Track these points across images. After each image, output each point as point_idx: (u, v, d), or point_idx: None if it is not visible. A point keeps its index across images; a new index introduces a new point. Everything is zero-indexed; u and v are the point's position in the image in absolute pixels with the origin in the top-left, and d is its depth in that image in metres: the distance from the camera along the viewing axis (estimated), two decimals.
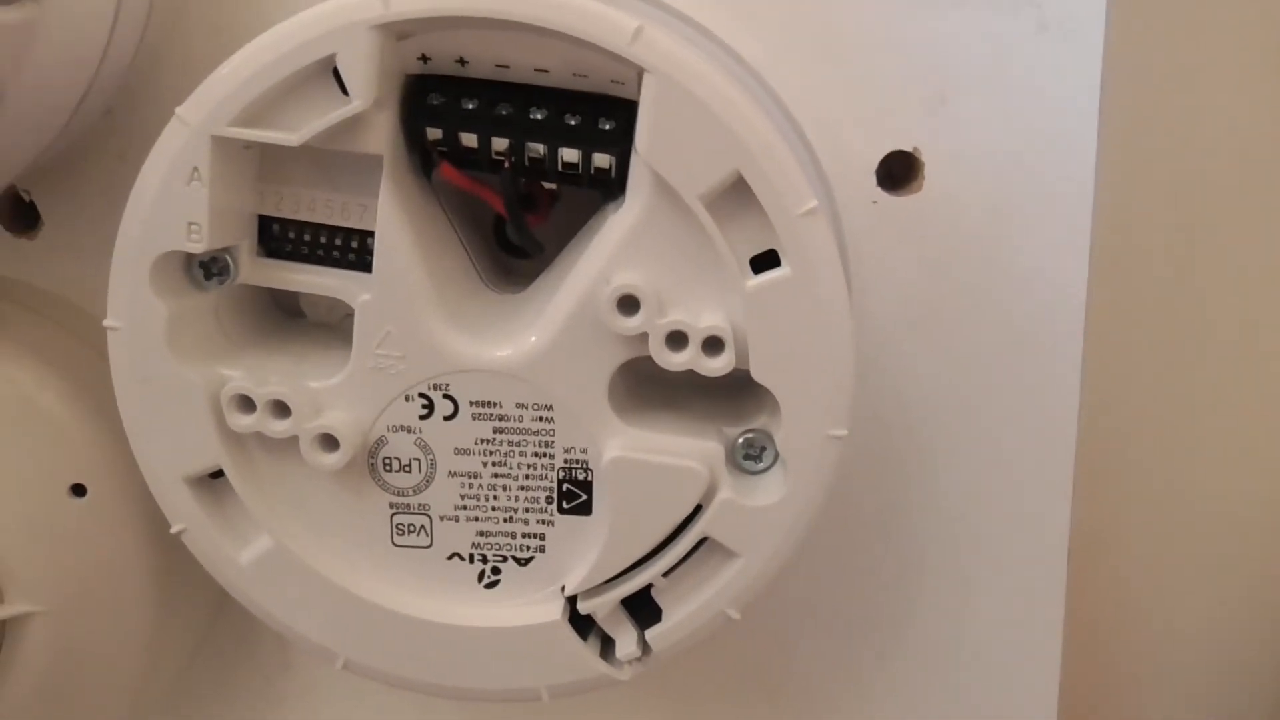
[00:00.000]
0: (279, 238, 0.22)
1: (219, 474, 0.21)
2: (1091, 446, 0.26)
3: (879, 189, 0.24)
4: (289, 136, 0.19)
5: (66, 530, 0.24)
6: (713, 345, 0.20)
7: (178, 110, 0.19)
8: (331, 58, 0.19)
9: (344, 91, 0.19)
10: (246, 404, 0.21)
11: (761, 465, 0.21)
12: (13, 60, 0.19)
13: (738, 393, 0.23)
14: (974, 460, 0.26)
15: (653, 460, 0.21)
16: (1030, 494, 0.26)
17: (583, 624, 0.22)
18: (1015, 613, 0.27)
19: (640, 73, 0.19)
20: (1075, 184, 0.24)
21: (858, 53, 0.24)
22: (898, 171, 0.24)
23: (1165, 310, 0.31)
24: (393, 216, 0.20)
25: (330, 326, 0.24)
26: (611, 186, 0.21)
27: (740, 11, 0.24)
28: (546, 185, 0.22)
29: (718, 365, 0.20)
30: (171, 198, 0.19)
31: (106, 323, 0.20)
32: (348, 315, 0.24)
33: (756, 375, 0.20)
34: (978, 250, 0.25)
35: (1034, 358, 0.25)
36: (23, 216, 0.26)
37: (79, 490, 0.24)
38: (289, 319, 0.24)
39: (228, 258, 0.21)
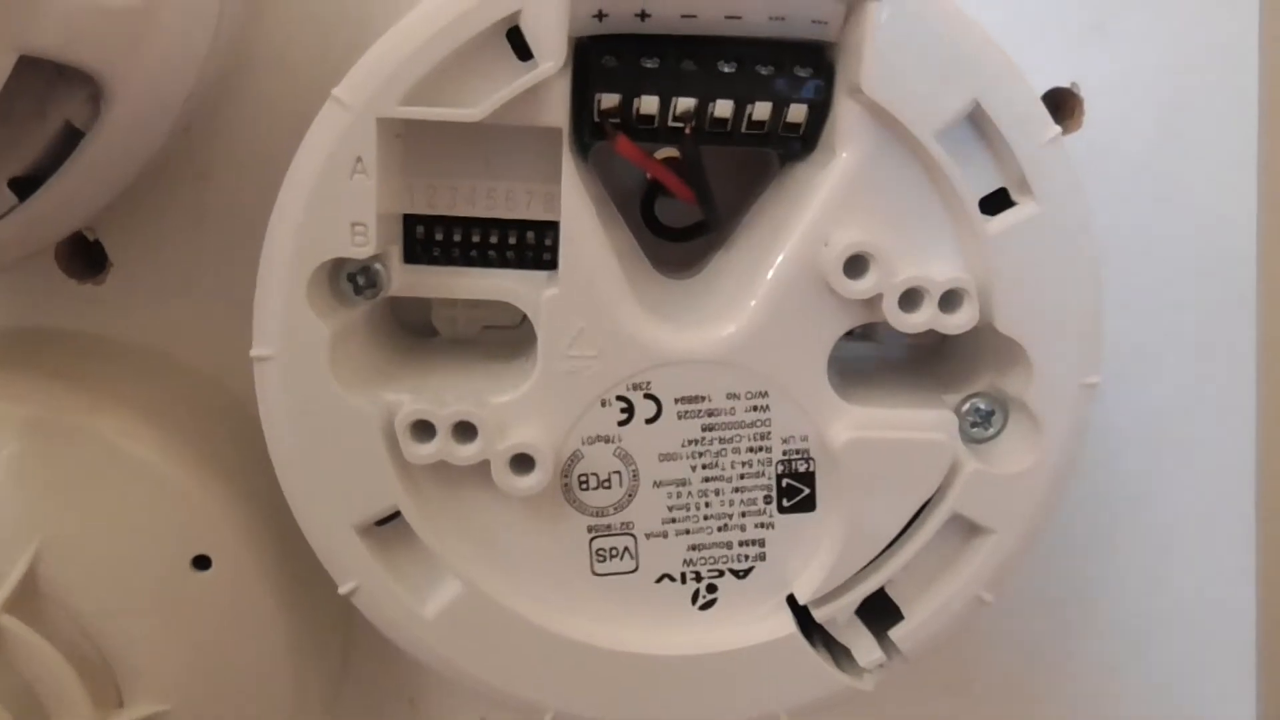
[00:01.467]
0: (425, 240, 0.19)
1: (389, 519, 0.19)
2: (1272, 367, 0.24)
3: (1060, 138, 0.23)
4: (469, 112, 0.17)
5: (190, 610, 0.20)
6: (952, 300, 0.18)
7: (335, 92, 0.16)
8: (513, 16, 0.16)
9: (520, 57, 0.17)
10: (425, 430, 0.18)
11: (991, 431, 0.19)
12: (124, 52, 0.16)
13: (933, 360, 0.21)
14: (1153, 406, 0.24)
15: (892, 436, 0.18)
16: (1213, 424, 0.24)
17: (808, 634, 0.20)
18: (1206, 569, 0.25)
19: (853, 3, 0.17)
20: (1238, 115, 0.23)
21: None
22: (1055, 110, 0.23)
23: None
24: (578, 197, 0.18)
25: (467, 343, 0.21)
26: (798, 144, 0.19)
27: None
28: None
29: (959, 321, 0.18)
30: (333, 195, 0.17)
31: (254, 352, 0.17)
32: (487, 327, 0.21)
33: (1002, 326, 0.18)
34: (1141, 187, 0.23)
35: (1210, 285, 0.24)
36: (88, 260, 0.22)
37: (202, 562, 0.20)
38: (419, 339, 0.21)
39: (378, 267, 0.18)
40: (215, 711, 0.21)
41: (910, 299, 0.18)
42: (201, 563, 0.20)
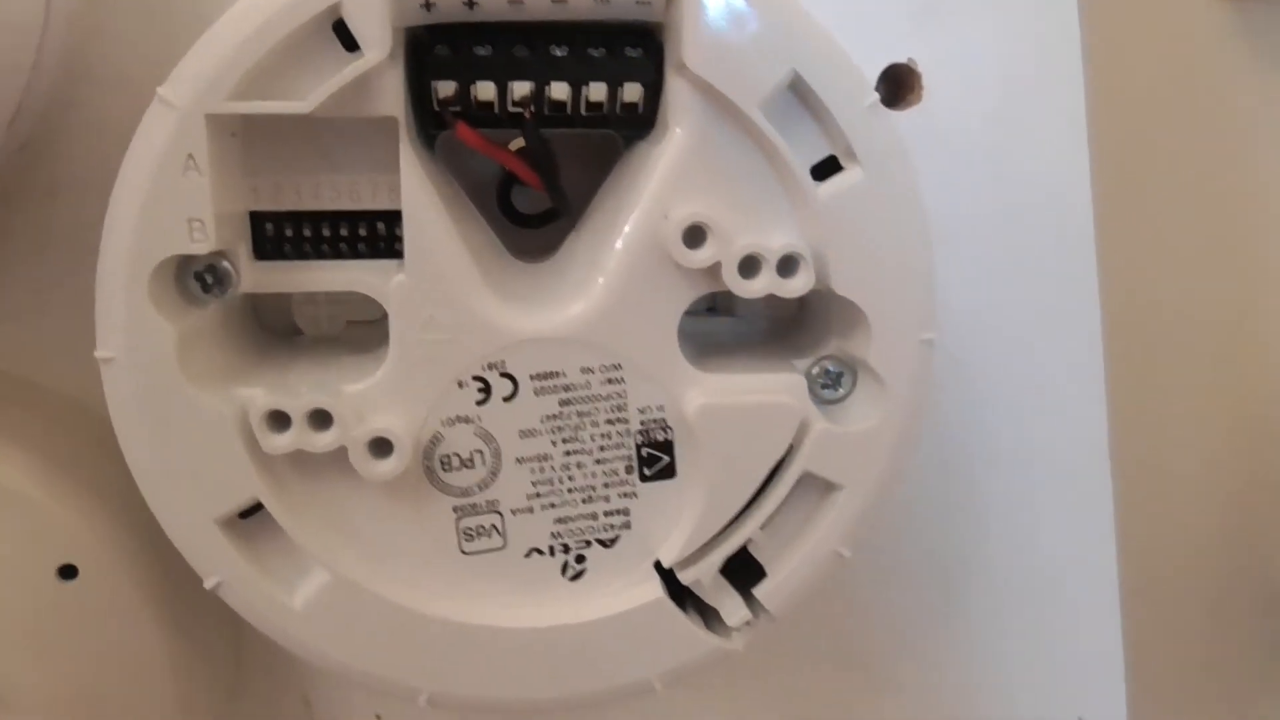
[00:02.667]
0: (275, 236, 0.19)
1: (251, 512, 0.19)
2: (1116, 333, 0.26)
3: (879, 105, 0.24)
4: (298, 105, 0.17)
5: (58, 622, 0.20)
6: (788, 265, 0.18)
7: (160, 91, 0.17)
8: (335, 7, 0.17)
9: (347, 48, 0.17)
10: (281, 421, 0.18)
11: (841, 391, 0.20)
12: None
13: (786, 328, 0.22)
14: (1007, 363, 0.25)
15: (741, 401, 0.19)
16: (1065, 390, 0.26)
17: (678, 599, 0.20)
18: (1069, 524, 0.26)
19: None
20: (1066, 78, 0.24)
21: None
22: (895, 86, 0.24)
23: (1170, 195, 0.31)
24: (417, 185, 0.18)
25: (331, 340, 0.21)
26: (638, 124, 0.19)
27: None
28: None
29: (796, 285, 0.18)
30: (165, 193, 0.17)
31: (99, 354, 0.17)
32: (351, 322, 0.21)
33: (838, 288, 0.19)
34: (981, 155, 0.24)
35: (1048, 253, 0.25)
36: None
37: (68, 571, 0.20)
38: (283, 339, 0.21)
39: (226, 264, 0.18)
40: (95, 711, 0.21)
41: (749, 266, 0.18)
42: (68, 572, 0.20)
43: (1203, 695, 0.36)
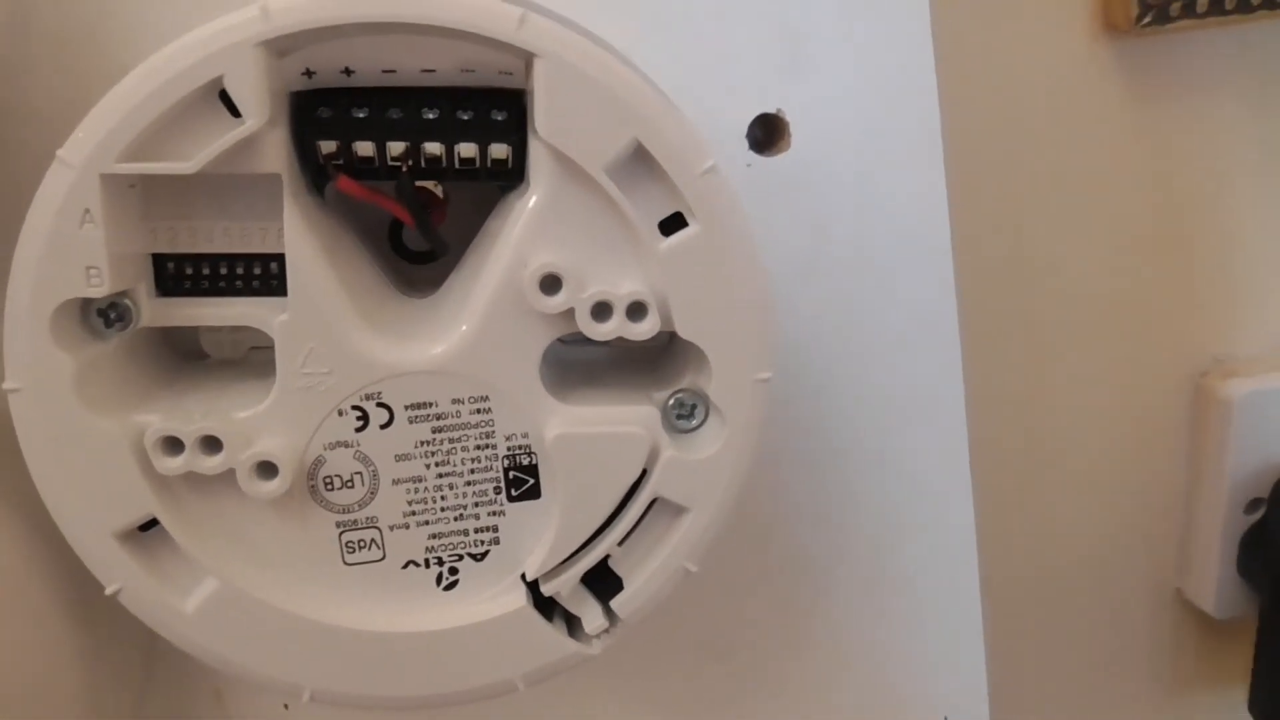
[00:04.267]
0: (176, 275, 0.21)
1: (149, 526, 0.21)
2: (975, 363, 0.28)
3: (751, 153, 0.26)
4: (183, 165, 0.19)
5: None
6: (637, 310, 0.20)
7: (59, 153, 0.18)
8: (218, 80, 0.18)
9: (233, 113, 0.19)
10: (174, 445, 0.20)
11: (695, 422, 0.22)
12: None
13: (657, 360, 0.24)
14: (873, 393, 0.28)
15: (594, 431, 0.21)
16: (928, 413, 0.28)
17: (546, 608, 0.22)
18: (930, 529, 0.29)
19: (529, 58, 0.19)
20: (923, 128, 0.26)
21: (710, 26, 0.25)
22: (765, 134, 0.26)
23: (1015, 234, 0.33)
24: (299, 233, 0.20)
25: (236, 363, 0.23)
26: (510, 176, 0.21)
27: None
28: (435, 191, 0.23)
29: (644, 329, 0.21)
30: (64, 244, 0.19)
31: (6, 385, 0.19)
32: (254, 348, 0.23)
33: (682, 332, 0.21)
34: (847, 197, 0.26)
35: (911, 291, 0.27)
36: None
37: None
38: (190, 363, 0.23)
39: (127, 302, 0.20)
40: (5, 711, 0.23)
41: (600, 311, 0.20)
42: None
43: (1064, 693, 0.38)
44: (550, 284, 0.20)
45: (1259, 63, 0.33)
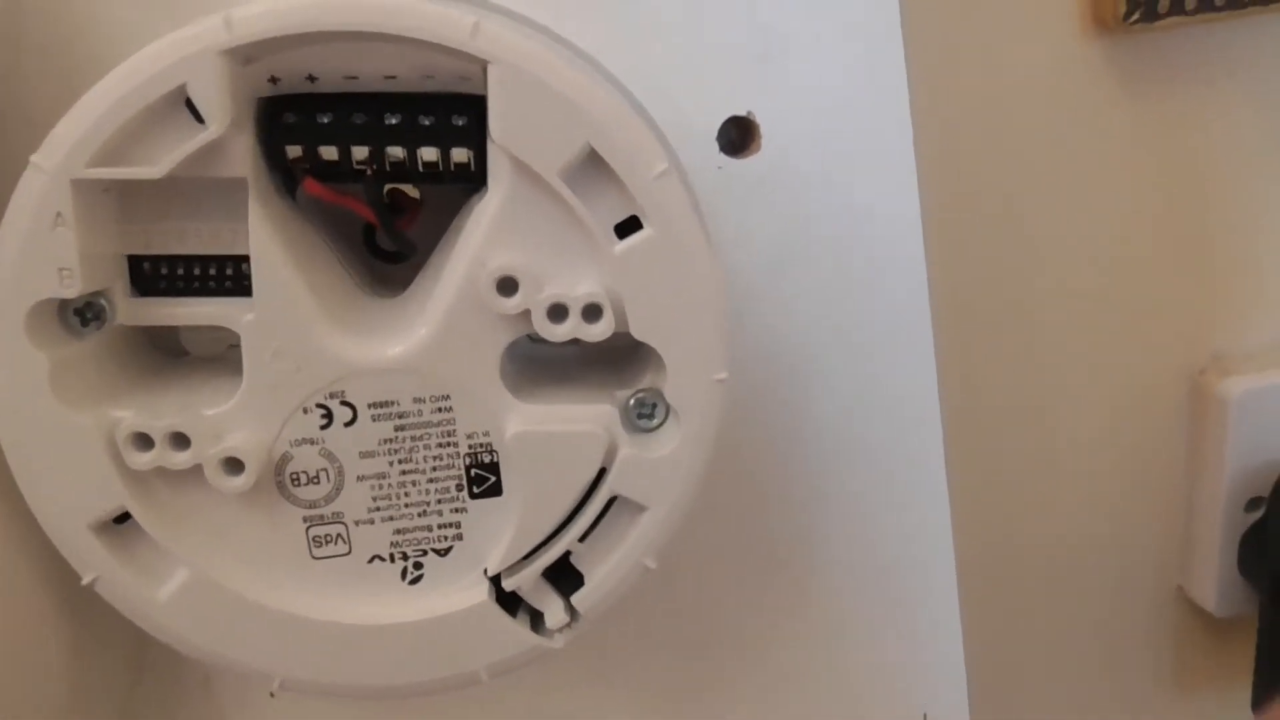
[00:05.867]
0: (151, 275, 0.22)
1: (124, 518, 0.21)
2: (949, 365, 0.28)
3: (722, 155, 0.26)
4: (150, 170, 0.19)
5: None
6: (592, 312, 0.21)
7: (32, 158, 0.19)
8: (182, 87, 0.19)
9: (198, 120, 0.20)
10: (144, 441, 0.21)
11: (655, 421, 0.22)
12: None
13: (621, 358, 0.24)
14: (846, 391, 0.28)
15: (551, 430, 0.22)
16: (901, 412, 0.28)
17: (510, 603, 0.23)
18: (907, 526, 0.29)
19: (484, 65, 0.20)
20: (895, 129, 0.26)
21: (680, 29, 0.26)
22: (736, 137, 0.26)
23: (996, 232, 0.33)
24: (264, 235, 0.21)
25: (215, 359, 0.24)
26: (473, 179, 0.22)
27: (568, 4, 0.25)
28: (409, 192, 0.24)
29: (599, 330, 0.21)
30: (38, 246, 0.19)
31: None
32: (232, 345, 0.24)
33: (636, 334, 0.21)
34: (819, 199, 0.27)
35: (883, 292, 0.27)
36: None
37: None
38: (172, 359, 0.24)
39: (102, 301, 0.21)
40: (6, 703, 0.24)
41: (556, 312, 0.21)
42: None
43: (1066, 691, 0.38)
44: (507, 285, 0.21)
45: (1250, 58, 0.33)
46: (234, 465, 0.21)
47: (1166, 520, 0.38)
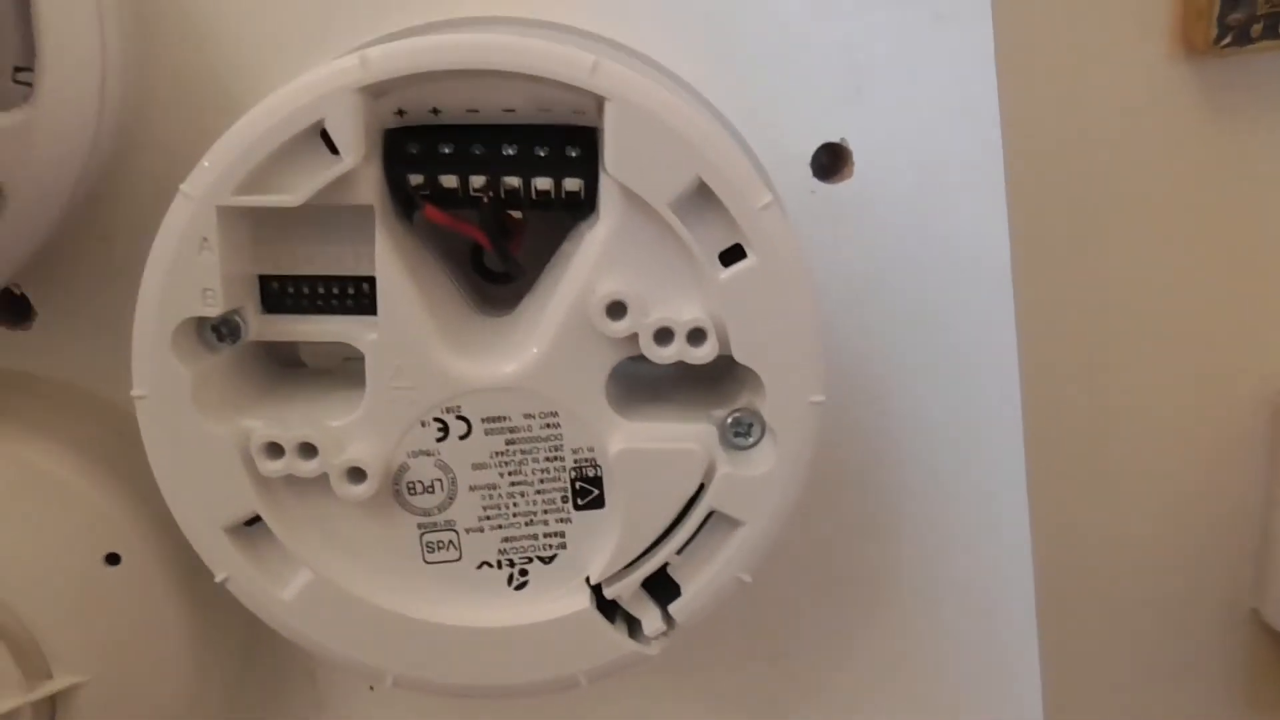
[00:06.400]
0: (279, 293, 0.23)
1: (254, 521, 0.23)
2: (1033, 387, 0.28)
3: (815, 179, 0.27)
4: (288, 199, 0.21)
5: (104, 599, 0.25)
6: (696, 336, 0.22)
7: (182, 187, 0.21)
8: (320, 122, 0.20)
9: (333, 151, 0.21)
10: (275, 450, 0.22)
11: (751, 440, 0.23)
12: (13, 162, 0.21)
13: (719, 379, 0.25)
14: (930, 413, 0.28)
15: (654, 447, 0.23)
16: (984, 434, 0.28)
17: (609, 610, 0.24)
18: (988, 547, 0.29)
19: (600, 101, 0.21)
20: (985, 155, 0.27)
21: (778, 58, 0.26)
22: (829, 162, 0.27)
23: (1081, 255, 0.34)
24: (389, 259, 0.22)
25: (331, 372, 0.25)
26: (582, 207, 0.23)
27: (669, 35, 0.26)
28: (515, 215, 0.25)
29: (703, 353, 0.22)
30: (184, 268, 0.21)
31: (134, 392, 0.22)
32: (347, 359, 0.25)
33: (739, 357, 0.22)
34: (908, 223, 0.27)
35: (969, 315, 0.28)
36: (16, 310, 0.27)
37: (113, 559, 0.25)
38: (290, 370, 0.26)
39: (237, 318, 0.23)
40: (128, 683, 0.25)
41: (662, 336, 0.22)
42: (113, 559, 0.25)
43: (1136, 711, 0.38)
44: (616, 310, 0.22)
45: None
46: (357, 474, 0.22)
47: (1243, 542, 0.38)
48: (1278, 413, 0.37)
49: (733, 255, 0.22)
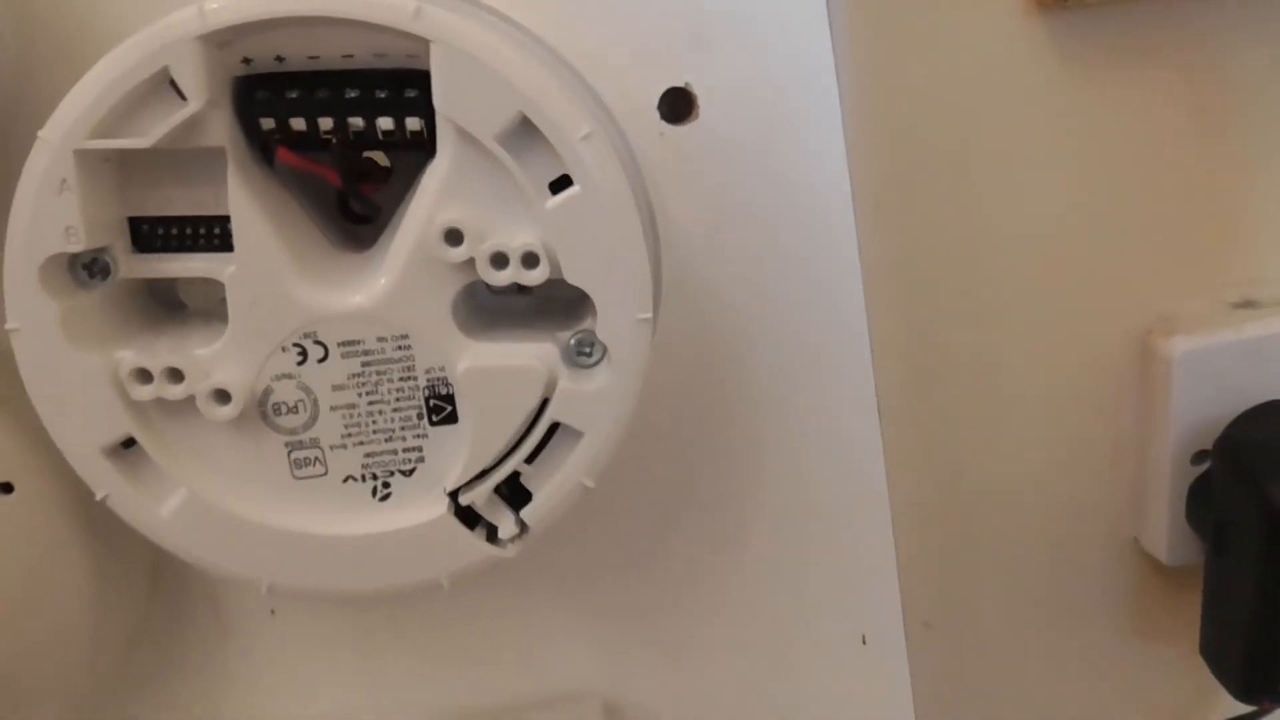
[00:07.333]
0: (149, 235, 0.25)
1: (130, 444, 0.25)
2: (881, 318, 0.31)
3: (663, 123, 0.29)
4: (141, 141, 0.23)
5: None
6: (529, 260, 0.24)
7: (40, 133, 0.22)
8: (165, 69, 0.22)
9: (182, 97, 0.23)
10: (144, 375, 0.24)
11: (594, 359, 0.25)
12: None
13: (574, 306, 0.27)
14: (781, 339, 0.30)
15: (497, 364, 0.25)
16: (833, 361, 0.31)
17: (470, 519, 0.26)
18: (841, 472, 0.31)
19: (427, 44, 0.23)
20: (823, 98, 0.29)
21: (624, 7, 0.28)
22: (675, 106, 0.29)
23: (945, 193, 0.35)
24: (241, 197, 0.24)
25: (208, 311, 0.27)
26: (423, 146, 0.24)
27: None
28: (380, 160, 0.27)
29: (536, 275, 0.24)
30: (47, 208, 0.23)
31: (8, 326, 0.23)
32: (222, 300, 0.27)
33: (569, 278, 0.24)
34: (753, 163, 0.29)
35: (815, 247, 0.30)
36: None
37: (6, 488, 0.27)
38: (171, 310, 0.27)
39: (106, 257, 0.24)
40: (28, 612, 0.27)
41: (498, 260, 0.24)
42: (6, 488, 0.27)
43: (1023, 641, 0.40)
44: (453, 237, 0.24)
45: (1190, 33, 0.35)
46: (222, 396, 0.24)
47: (1121, 475, 0.40)
48: (1145, 350, 0.39)
49: (561, 184, 0.24)
